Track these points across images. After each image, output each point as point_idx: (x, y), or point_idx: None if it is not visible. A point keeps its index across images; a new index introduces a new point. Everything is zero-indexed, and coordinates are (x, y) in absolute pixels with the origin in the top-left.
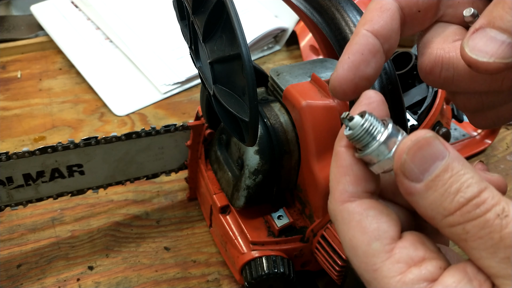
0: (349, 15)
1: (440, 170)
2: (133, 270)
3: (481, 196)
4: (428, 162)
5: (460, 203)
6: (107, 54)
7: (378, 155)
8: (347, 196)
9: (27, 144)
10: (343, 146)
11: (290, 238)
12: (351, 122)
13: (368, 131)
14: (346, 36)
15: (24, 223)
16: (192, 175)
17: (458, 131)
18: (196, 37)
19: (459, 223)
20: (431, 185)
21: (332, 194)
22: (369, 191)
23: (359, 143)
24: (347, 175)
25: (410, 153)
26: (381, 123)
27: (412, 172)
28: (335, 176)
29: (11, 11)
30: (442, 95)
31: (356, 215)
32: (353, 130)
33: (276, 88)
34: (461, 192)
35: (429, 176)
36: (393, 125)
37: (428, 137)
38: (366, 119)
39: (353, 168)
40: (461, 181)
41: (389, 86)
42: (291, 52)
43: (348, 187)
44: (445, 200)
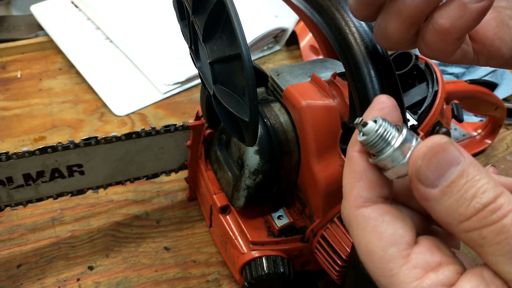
0: (349, 15)
1: (456, 176)
2: (133, 270)
3: (497, 201)
4: (443, 168)
5: (476, 209)
6: (107, 54)
7: (392, 160)
8: (362, 201)
9: (27, 144)
10: (356, 151)
11: (290, 238)
12: (364, 127)
13: (382, 136)
14: (346, 36)
15: (24, 223)
16: (192, 175)
17: (458, 131)
18: (196, 37)
19: (476, 229)
20: (446, 191)
21: (346, 199)
22: (383, 196)
23: (373, 149)
24: (361, 180)
25: (425, 159)
26: (395, 128)
27: (427, 178)
28: (349, 181)
29: (11, 11)
30: (442, 95)
31: (371, 220)
32: (367, 136)
33: (276, 88)
34: (477, 198)
35: (445, 182)
36: (407, 130)
37: (443, 143)
38: (380, 124)
39: (367, 173)
40: (477, 187)
41: (389, 86)
42: (291, 52)
43: (362, 192)
44: (461, 205)
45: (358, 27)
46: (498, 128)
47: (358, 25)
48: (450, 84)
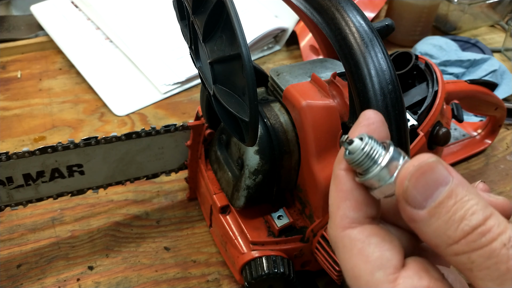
0: (349, 15)
1: (444, 197)
2: (133, 270)
3: (487, 224)
4: (431, 188)
5: (464, 232)
6: (107, 54)
7: (379, 180)
8: (348, 222)
9: (27, 144)
10: (342, 170)
11: (290, 238)
12: (350, 145)
13: (369, 155)
14: (346, 36)
15: (24, 223)
16: (192, 175)
17: (458, 131)
18: (196, 37)
19: (464, 252)
20: (434, 212)
21: (332, 219)
22: (371, 216)
23: (359, 167)
24: (347, 200)
25: (412, 179)
26: (382, 146)
27: (415, 199)
28: (335, 201)
29: (11, 11)
30: (442, 95)
31: (357, 242)
32: (353, 154)
33: (276, 88)
34: (466, 220)
35: (433, 202)
36: (394, 148)
37: (431, 162)
38: (367, 142)
39: (354, 193)
40: (466, 208)
41: (389, 86)
42: (291, 52)
43: (349, 212)
44: (449, 228)
45: (358, 27)
46: (498, 128)
47: (358, 25)
48: (450, 84)
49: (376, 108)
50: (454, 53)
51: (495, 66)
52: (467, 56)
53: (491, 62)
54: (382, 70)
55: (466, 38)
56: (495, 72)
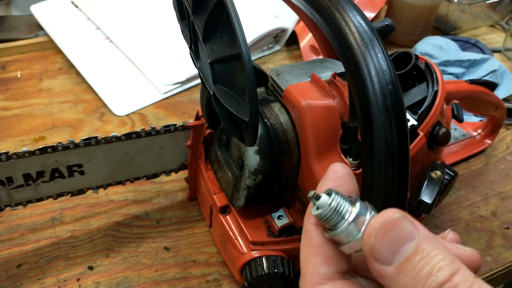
0: (349, 15)
1: (410, 253)
2: (133, 270)
3: (453, 280)
4: (397, 244)
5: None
6: (107, 54)
7: (347, 235)
8: (319, 278)
9: (27, 144)
10: (312, 224)
11: (290, 238)
12: (318, 201)
13: (336, 210)
14: (346, 36)
15: (24, 223)
16: (192, 175)
17: (458, 131)
18: (196, 37)
19: None
20: (402, 268)
21: (303, 275)
22: (341, 271)
23: (328, 223)
24: (317, 256)
25: (378, 235)
26: (348, 201)
27: (382, 255)
28: (306, 256)
29: (11, 11)
30: (442, 95)
31: None
32: (321, 210)
33: (276, 88)
34: (433, 276)
35: (399, 259)
36: (360, 203)
37: (395, 218)
38: (333, 198)
39: (324, 248)
40: (432, 264)
41: (389, 86)
42: (291, 52)
43: (319, 268)
44: (416, 284)
45: (358, 27)
46: (498, 128)
47: (358, 25)
48: (450, 84)
49: (376, 108)
50: (454, 53)
51: (495, 66)
52: (467, 56)
53: (491, 62)
54: (382, 70)
55: (466, 38)
56: (495, 72)
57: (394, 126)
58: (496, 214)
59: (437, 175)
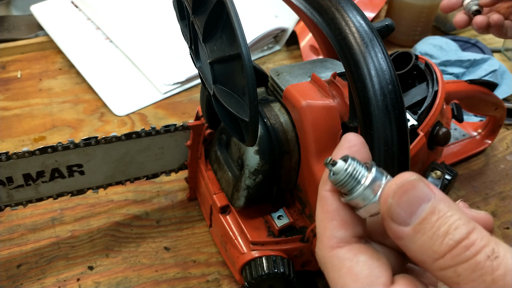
0: (349, 15)
1: (427, 213)
2: (133, 270)
3: (470, 237)
4: (414, 205)
5: (449, 246)
6: (107, 54)
7: (364, 199)
8: (336, 242)
9: (27, 144)
10: (328, 191)
11: (290, 238)
12: (334, 167)
13: (352, 175)
14: (346, 36)
15: (24, 223)
16: (192, 175)
17: (458, 131)
18: (196, 37)
19: (450, 266)
20: (419, 229)
21: (320, 240)
22: (358, 236)
23: (344, 188)
24: (334, 220)
25: (395, 196)
26: (364, 167)
27: (399, 216)
28: (322, 221)
29: (11, 11)
30: (442, 95)
31: (346, 261)
32: (337, 175)
33: (276, 88)
34: (450, 235)
35: (416, 219)
36: (376, 168)
37: (412, 180)
38: (349, 163)
39: (340, 213)
40: (449, 223)
41: (389, 86)
42: (291, 52)
43: (336, 232)
44: (434, 243)
45: (358, 27)
46: (498, 128)
47: (358, 25)
48: (450, 84)
49: (376, 108)
50: (454, 53)
51: (495, 66)
52: (467, 56)
53: (491, 62)
54: (382, 70)
55: (466, 38)
56: (495, 72)
57: (394, 126)
58: (496, 214)
59: (437, 175)
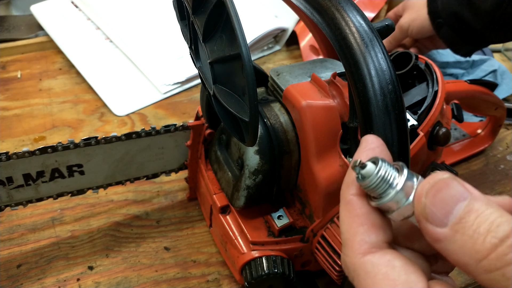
0: (349, 15)
1: (464, 212)
2: (133, 270)
3: None
4: (449, 204)
5: (493, 244)
6: (107, 54)
7: (397, 202)
8: (368, 247)
9: (27, 144)
10: (354, 195)
11: (290, 238)
12: (364, 170)
13: (384, 178)
14: (346, 36)
15: (24, 223)
16: (192, 175)
17: (458, 131)
18: (196, 37)
19: (497, 269)
20: (457, 228)
21: (348, 246)
22: (388, 241)
23: (374, 192)
24: (364, 225)
25: (429, 196)
26: (394, 168)
27: (435, 216)
28: (350, 226)
29: (11, 11)
30: (442, 95)
31: (381, 267)
32: (368, 179)
33: (276, 88)
34: (492, 232)
35: (454, 218)
36: (407, 169)
37: (445, 178)
38: (380, 166)
39: (370, 217)
40: (490, 221)
41: (389, 86)
42: (291, 52)
43: (367, 237)
44: (475, 242)
45: (358, 27)
46: (498, 128)
47: (358, 25)
48: (450, 84)
49: (376, 108)
50: (451, 56)
51: (494, 66)
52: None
53: (490, 62)
54: (382, 70)
55: None
56: (495, 72)
57: (394, 126)
58: None
59: None
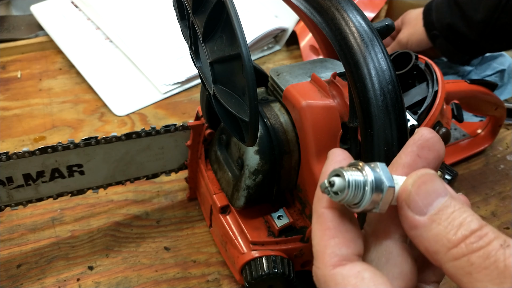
0: (349, 15)
1: (443, 205)
2: (133, 270)
3: (483, 229)
4: (431, 197)
5: (464, 236)
6: (107, 54)
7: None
8: (338, 260)
9: (27, 144)
10: (325, 208)
11: (290, 238)
12: (334, 187)
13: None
14: (346, 36)
15: (24, 223)
16: (192, 175)
17: (458, 131)
18: (196, 37)
19: (464, 255)
20: (434, 219)
21: (319, 258)
22: (358, 254)
23: (353, 200)
24: (336, 237)
25: (415, 185)
26: (357, 170)
27: (417, 205)
28: (322, 239)
29: (11, 11)
30: (442, 95)
31: (351, 278)
32: (343, 193)
33: (276, 88)
34: (465, 225)
35: (432, 210)
36: (364, 163)
37: (431, 174)
38: (346, 175)
39: (341, 230)
40: (463, 217)
41: (389, 86)
42: (291, 52)
43: (338, 250)
44: (448, 232)
45: (358, 27)
46: (498, 128)
47: (358, 25)
48: (450, 84)
49: (376, 108)
50: None
51: (504, 65)
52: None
53: (501, 59)
54: (382, 70)
55: None
56: (503, 72)
57: (394, 126)
58: (496, 214)
59: None
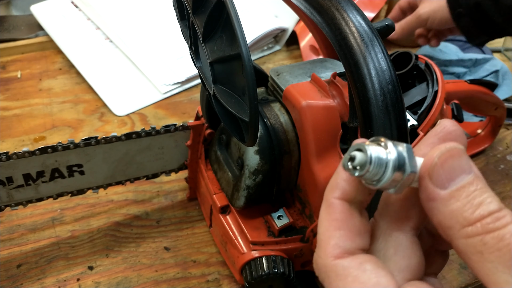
0: (349, 15)
1: (466, 182)
2: (133, 270)
3: (501, 211)
4: (455, 172)
5: (481, 215)
6: (107, 54)
7: (400, 174)
8: (340, 252)
9: (27, 144)
10: (337, 198)
11: (290, 238)
12: (355, 161)
13: (379, 161)
14: (346, 36)
15: (24, 223)
16: (192, 175)
17: None
18: (196, 37)
19: (478, 234)
20: (455, 194)
21: (322, 248)
22: (363, 249)
23: (374, 176)
24: (341, 230)
25: (441, 158)
26: (378, 145)
27: (439, 178)
28: (327, 229)
29: (11, 11)
30: (442, 95)
31: (352, 269)
32: (363, 170)
33: (276, 88)
34: (484, 205)
35: (454, 185)
36: (387, 139)
37: (460, 149)
38: (368, 148)
39: (348, 223)
40: (484, 197)
41: (389, 86)
42: (291, 52)
43: (342, 242)
44: (466, 210)
45: (358, 27)
46: (498, 128)
47: (358, 25)
48: (450, 84)
49: (376, 108)
50: (454, 54)
51: (497, 66)
52: (468, 56)
53: (493, 62)
54: (382, 70)
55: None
56: (497, 73)
57: (394, 126)
58: None
59: None
